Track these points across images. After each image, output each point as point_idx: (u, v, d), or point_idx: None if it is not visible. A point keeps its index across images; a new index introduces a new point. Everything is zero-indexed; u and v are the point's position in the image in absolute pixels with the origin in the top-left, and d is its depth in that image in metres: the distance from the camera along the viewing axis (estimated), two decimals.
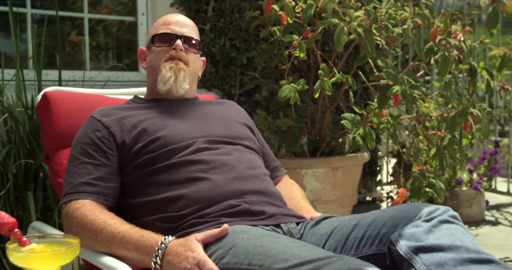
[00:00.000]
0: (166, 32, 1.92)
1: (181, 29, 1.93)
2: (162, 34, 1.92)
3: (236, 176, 1.72)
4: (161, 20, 1.98)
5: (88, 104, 2.04)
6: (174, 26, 1.93)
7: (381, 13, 2.74)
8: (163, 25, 1.95)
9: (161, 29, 1.94)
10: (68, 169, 1.76)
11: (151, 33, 1.97)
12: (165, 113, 1.87)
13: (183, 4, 3.90)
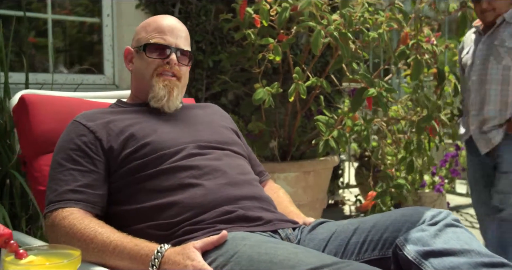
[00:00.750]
0: (160, 43, 1.82)
1: (176, 40, 1.84)
2: (156, 44, 1.82)
3: (229, 182, 1.68)
4: (152, 24, 1.87)
5: (67, 108, 1.95)
6: (169, 37, 1.83)
7: (355, 17, 2.74)
8: (155, 32, 1.84)
9: (154, 37, 1.83)
10: (52, 176, 1.68)
11: (142, 38, 1.86)
12: (152, 118, 1.81)
13: (148, 6, 3.84)
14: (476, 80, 2.69)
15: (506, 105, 2.65)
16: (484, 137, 2.72)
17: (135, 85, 1.92)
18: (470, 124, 2.77)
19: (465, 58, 2.81)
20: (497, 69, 2.63)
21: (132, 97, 1.94)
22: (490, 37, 2.67)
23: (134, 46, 1.90)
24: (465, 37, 2.88)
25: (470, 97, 2.74)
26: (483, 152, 2.75)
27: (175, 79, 1.84)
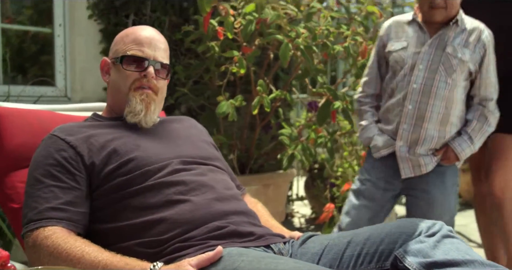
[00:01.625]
0: (137, 56, 1.76)
1: (154, 53, 1.78)
2: (134, 57, 1.76)
3: (216, 197, 1.65)
4: (130, 35, 1.81)
5: (38, 121, 1.87)
6: (147, 49, 1.77)
7: (319, 30, 2.77)
8: (133, 44, 1.78)
9: (131, 49, 1.77)
10: (30, 193, 1.60)
11: (119, 49, 1.80)
12: (132, 132, 1.75)
13: (101, 16, 3.75)
14: (418, 89, 2.25)
15: (445, 127, 2.30)
16: (413, 160, 2.30)
17: (111, 98, 1.85)
18: (398, 138, 2.32)
19: (400, 54, 2.32)
20: (445, 82, 2.26)
21: (108, 111, 1.88)
22: (438, 40, 2.28)
23: (111, 57, 1.84)
24: (392, 25, 2.39)
25: (406, 106, 2.28)
26: (405, 176, 2.34)
27: (152, 93, 1.79)
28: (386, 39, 2.39)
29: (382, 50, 2.40)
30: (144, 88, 1.77)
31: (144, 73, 1.76)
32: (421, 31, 2.30)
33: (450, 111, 2.28)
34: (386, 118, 2.37)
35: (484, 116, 2.31)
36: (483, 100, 2.32)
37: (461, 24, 2.29)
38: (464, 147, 2.29)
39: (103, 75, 1.87)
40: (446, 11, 2.24)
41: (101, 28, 3.76)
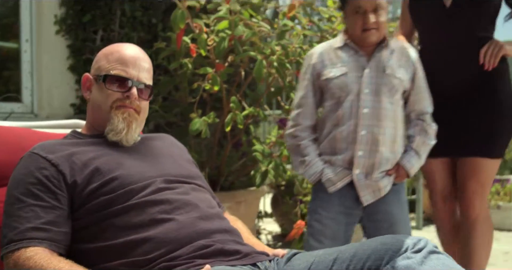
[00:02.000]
0: (121, 76, 1.74)
1: (138, 73, 1.76)
2: (117, 76, 1.74)
3: (200, 216, 1.64)
4: (115, 53, 1.78)
5: (15, 138, 1.83)
6: (131, 69, 1.75)
7: (292, 48, 2.81)
8: (117, 63, 1.75)
9: (115, 68, 1.74)
10: (9, 213, 1.56)
11: (102, 67, 1.77)
12: (114, 150, 1.73)
13: (69, 32, 3.71)
14: (368, 113, 2.22)
15: (394, 147, 2.28)
16: (372, 185, 2.25)
17: (92, 115, 1.83)
18: (355, 166, 2.24)
19: (342, 80, 2.25)
20: (391, 103, 2.24)
21: (88, 128, 1.85)
22: (376, 63, 2.26)
23: (93, 74, 1.81)
24: (324, 52, 2.31)
25: (359, 133, 2.23)
26: (367, 203, 2.28)
27: (134, 112, 1.77)
28: (320, 66, 2.29)
29: (316, 79, 2.30)
30: (126, 107, 1.76)
31: (127, 93, 1.74)
32: (357, 55, 2.27)
33: (398, 132, 2.29)
34: (334, 148, 2.27)
35: (424, 130, 2.34)
36: (420, 114, 2.35)
37: (390, 45, 2.30)
38: (413, 163, 2.32)
39: (84, 91, 1.84)
40: (378, 32, 2.23)
41: (68, 43, 3.72)
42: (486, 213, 2.57)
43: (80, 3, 3.73)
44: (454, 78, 2.51)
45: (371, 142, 2.22)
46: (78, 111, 3.74)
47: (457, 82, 2.51)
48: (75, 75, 3.74)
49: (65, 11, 3.71)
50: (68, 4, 3.70)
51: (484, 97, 2.50)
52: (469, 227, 2.53)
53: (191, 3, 2.72)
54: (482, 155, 2.51)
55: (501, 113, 2.52)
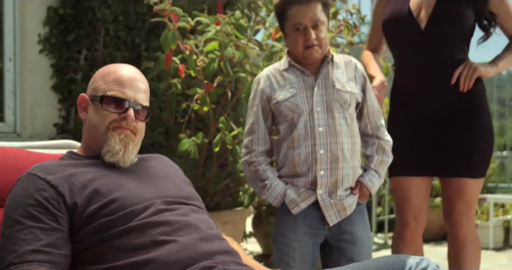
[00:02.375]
0: (118, 97, 1.73)
1: (135, 95, 1.75)
2: (114, 97, 1.73)
3: (201, 237, 1.63)
4: (111, 74, 1.78)
5: (10, 159, 1.80)
6: (128, 90, 1.75)
7: None
8: (114, 84, 1.75)
9: (112, 89, 1.73)
10: (7, 235, 1.53)
11: (99, 87, 1.76)
12: (112, 171, 1.71)
13: (53, 51, 3.69)
14: (324, 131, 2.18)
15: (354, 162, 2.25)
16: (337, 205, 2.21)
17: (88, 136, 1.81)
18: (318, 186, 2.19)
19: (292, 101, 2.21)
20: (344, 118, 2.21)
21: (84, 148, 1.83)
22: (324, 80, 2.22)
23: (89, 94, 1.80)
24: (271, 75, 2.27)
25: (317, 152, 2.18)
26: (333, 223, 2.22)
27: (130, 133, 1.76)
28: (269, 90, 2.25)
29: (267, 104, 2.26)
30: (123, 128, 1.75)
31: (124, 115, 1.73)
32: (303, 75, 2.23)
33: (355, 146, 2.26)
34: (294, 171, 2.23)
35: (382, 149, 2.32)
36: (374, 128, 2.32)
37: (335, 60, 2.28)
38: (374, 182, 2.30)
39: (80, 112, 1.83)
40: (321, 48, 2.19)
41: (52, 63, 3.70)
42: (473, 232, 2.60)
43: (64, 22, 3.72)
44: (432, 99, 2.54)
45: (331, 160, 2.19)
46: (61, 131, 3.70)
47: (436, 103, 2.54)
48: (58, 94, 3.71)
49: (49, 30, 3.69)
50: (51, 23, 3.69)
51: (464, 118, 2.53)
52: (459, 247, 2.55)
53: (182, 24, 2.73)
54: (467, 175, 2.54)
55: (481, 133, 2.55)
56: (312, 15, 2.16)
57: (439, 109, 2.53)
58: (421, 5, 2.52)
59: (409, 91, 2.53)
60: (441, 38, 2.50)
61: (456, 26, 2.49)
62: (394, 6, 2.59)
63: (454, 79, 2.48)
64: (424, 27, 2.50)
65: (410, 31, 2.54)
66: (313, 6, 2.17)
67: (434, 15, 2.48)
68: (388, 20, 2.60)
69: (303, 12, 2.17)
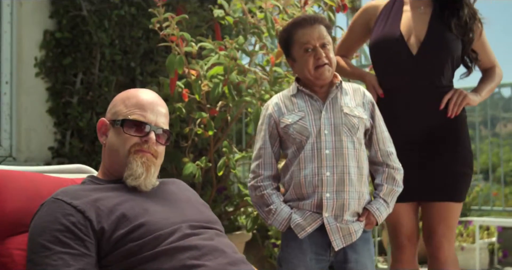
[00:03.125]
0: (139, 120, 1.75)
1: (156, 119, 1.77)
2: (135, 121, 1.75)
3: (229, 262, 1.64)
4: (132, 98, 1.80)
5: (32, 184, 1.78)
6: (150, 114, 1.76)
7: None
8: (135, 107, 1.76)
9: (133, 113, 1.75)
10: (36, 261, 1.52)
11: (120, 111, 1.78)
12: (136, 196, 1.71)
13: (49, 75, 3.67)
14: (331, 154, 2.19)
15: (361, 187, 2.25)
16: (344, 229, 2.20)
17: (108, 160, 1.81)
18: (324, 209, 2.19)
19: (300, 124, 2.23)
20: (352, 142, 2.22)
21: (104, 173, 1.83)
22: (332, 104, 2.25)
23: (110, 119, 1.80)
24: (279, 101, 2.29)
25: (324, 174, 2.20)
26: (338, 248, 2.21)
27: (152, 156, 1.77)
28: (277, 115, 2.26)
29: (275, 128, 2.27)
30: (144, 151, 1.76)
31: (145, 138, 1.74)
32: (312, 99, 2.25)
33: (362, 171, 2.25)
34: (300, 193, 2.22)
35: (392, 178, 2.31)
36: (384, 156, 2.31)
37: (343, 86, 2.29)
38: (382, 211, 2.30)
39: (100, 136, 1.83)
40: (331, 67, 2.20)
41: (48, 86, 3.68)
42: (454, 254, 2.63)
43: (60, 45, 3.71)
44: (417, 124, 2.57)
45: (337, 183, 2.18)
46: (56, 155, 3.67)
47: (421, 127, 2.57)
48: (54, 118, 3.69)
49: (45, 53, 3.68)
50: (48, 47, 3.68)
51: (449, 143, 2.57)
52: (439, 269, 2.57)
53: (188, 49, 2.75)
54: (451, 200, 2.58)
55: (465, 158, 2.60)
56: (319, 35, 2.21)
57: (424, 133, 2.56)
58: (411, 30, 2.55)
59: (395, 114, 2.55)
60: (432, 65, 2.55)
61: (446, 54, 2.55)
62: (384, 27, 2.61)
63: (443, 104, 2.52)
64: (415, 53, 2.54)
65: (401, 56, 2.55)
66: (318, 27, 2.22)
67: (426, 42, 2.52)
68: (378, 42, 2.61)
69: (310, 33, 2.21)
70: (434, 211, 2.56)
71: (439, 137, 2.54)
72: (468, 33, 2.52)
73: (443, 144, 2.53)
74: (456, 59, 2.59)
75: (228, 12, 3.24)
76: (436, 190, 2.52)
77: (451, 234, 2.60)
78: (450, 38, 2.51)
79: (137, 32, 4.04)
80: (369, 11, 2.68)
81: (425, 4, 2.56)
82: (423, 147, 2.52)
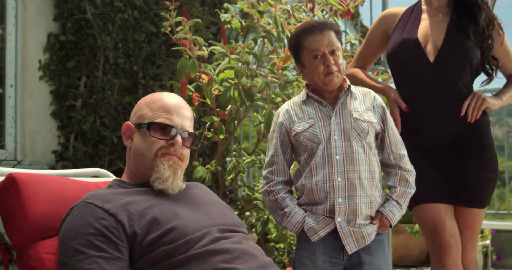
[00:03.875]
0: (166, 124, 1.76)
1: (182, 122, 1.78)
2: (162, 124, 1.76)
3: (259, 265, 1.65)
4: (157, 101, 1.80)
5: (58, 188, 1.78)
6: (175, 117, 1.77)
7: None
8: (161, 111, 1.77)
9: (159, 117, 1.76)
10: (69, 265, 1.52)
11: (145, 115, 1.78)
12: (164, 199, 1.72)
13: (53, 78, 3.66)
14: (341, 159, 2.21)
15: (373, 191, 2.26)
16: (356, 232, 2.22)
17: (134, 163, 1.81)
18: (336, 214, 2.21)
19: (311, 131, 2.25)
20: (362, 147, 2.23)
21: (130, 176, 1.83)
22: (341, 109, 2.26)
23: (135, 122, 1.81)
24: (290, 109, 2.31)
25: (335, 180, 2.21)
26: (351, 251, 2.23)
27: (178, 159, 1.78)
28: (288, 123, 2.27)
29: (286, 136, 2.29)
30: (171, 155, 1.76)
31: (171, 141, 1.75)
32: (321, 106, 2.26)
33: (374, 175, 2.27)
34: (313, 199, 2.24)
35: (405, 180, 2.33)
36: (397, 158, 2.32)
37: (352, 91, 2.30)
38: (395, 213, 2.31)
39: (125, 140, 1.83)
40: (340, 74, 2.22)
41: (52, 89, 3.67)
42: (475, 259, 2.65)
43: (64, 48, 3.70)
44: (441, 130, 2.57)
45: (348, 188, 2.20)
46: (59, 158, 3.66)
47: (445, 134, 2.57)
48: (58, 121, 3.68)
49: (49, 56, 3.67)
50: (52, 50, 3.67)
51: (474, 148, 2.57)
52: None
53: (201, 52, 2.76)
54: (478, 206, 2.59)
55: (491, 162, 2.61)
56: (329, 42, 2.21)
57: (449, 140, 2.56)
58: (428, 36, 2.54)
59: (418, 121, 2.56)
60: (450, 72, 2.54)
61: (464, 61, 2.53)
62: (401, 34, 2.60)
63: (464, 110, 2.53)
64: (433, 60, 2.54)
65: (419, 63, 2.55)
66: (328, 34, 2.22)
67: (444, 49, 2.51)
68: (395, 50, 2.60)
69: (319, 39, 2.21)
70: (461, 216, 2.56)
71: (463, 143, 2.53)
72: (487, 40, 2.50)
73: (468, 150, 2.53)
74: (476, 66, 2.56)
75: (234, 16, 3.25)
76: (464, 196, 2.52)
77: (475, 239, 2.60)
78: (468, 45, 2.50)
79: (140, 35, 4.03)
80: (387, 18, 2.66)
81: (443, 12, 2.55)
82: (449, 153, 2.51)
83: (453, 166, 2.55)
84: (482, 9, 2.49)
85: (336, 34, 2.25)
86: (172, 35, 2.80)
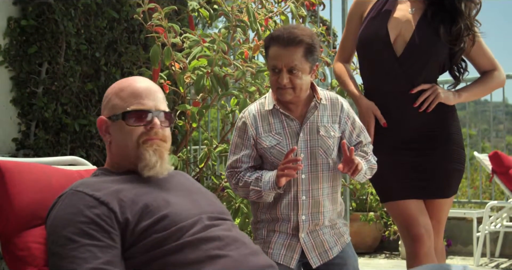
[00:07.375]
0: (140, 109, 1.71)
1: (155, 103, 1.74)
2: (135, 111, 1.71)
3: (250, 252, 1.66)
4: (126, 88, 1.74)
5: (44, 176, 1.74)
6: (148, 101, 1.73)
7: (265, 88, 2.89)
8: (132, 97, 1.72)
9: (131, 104, 1.71)
10: (62, 254, 1.49)
11: (117, 105, 1.73)
12: (153, 187, 1.70)
13: (13, 63, 3.55)
14: (306, 178, 2.20)
15: (336, 204, 2.29)
16: (318, 245, 2.25)
17: (117, 155, 1.76)
18: (300, 230, 2.20)
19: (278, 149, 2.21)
20: (327, 164, 2.22)
21: (113, 165, 1.78)
22: (309, 125, 2.22)
23: (108, 115, 1.75)
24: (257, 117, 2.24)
25: (299, 198, 2.20)
26: (315, 266, 2.23)
27: (161, 142, 1.75)
28: (255, 133, 2.21)
29: (253, 143, 2.22)
30: (153, 139, 1.74)
31: (150, 125, 1.72)
32: (288, 119, 2.21)
33: (337, 189, 2.29)
34: (275, 216, 2.23)
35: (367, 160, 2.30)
36: (363, 145, 2.33)
37: (323, 101, 2.25)
38: (363, 163, 2.25)
39: (103, 135, 1.78)
40: (294, 92, 2.14)
41: (12, 75, 3.55)
42: (442, 246, 2.72)
43: (25, 33, 3.59)
44: (406, 124, 2.58)
45: (312, 205, 2.21)
46: (20, 146, 3.56)
47: (410, 128, 2.57)
48: (18, 108, 3.57)
49: (9, 41, 3.55)
50: (12, 35, 3.55)
51: (439, 141, 2.62)
52: None
53: (175, 40, 2.73)
54: (441, 196, 2.64)
55: (457, 154, 2.66)
56: (289, 61, 2.11)
57: (414, 133, 2.59)
58: (399, 29, 2.52)
59: (385, 115, 2.57)
60: (415, 68, 2.55)
61: (429, 58, 2.52)
62: (372, 24, 2.57)
63: (419, 102, 2.54)
64: (400, 55, 2.51)
65: (385, 56, 2.53)
66: (292, 51, 2.11)
67: (411, 45, 2.51)
68: (364, 39, 2.59)
69: (280, 54, 2.12)
70: (428, 206, 2.59)
71: (430, 135, 2.57)
72: (459, 43, 2.50)
73: (434, 141, 2.56)
74: (442, 63, 2.57)
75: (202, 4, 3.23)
76: (430, 188, 2.56)
77: (440, 227, 2.64)
78: (436, 42, 2.49)
79: (102, 22, 3.96)
80: (360, 2, 2.63)
81: (417, 6, 2.53)
82: (415, 146, 2.54)
83: (419, 160, 2.58)
84: (463, 16, 2.47)
85: (305, 51, 2.12)
86: (145, 22, 2.76)
